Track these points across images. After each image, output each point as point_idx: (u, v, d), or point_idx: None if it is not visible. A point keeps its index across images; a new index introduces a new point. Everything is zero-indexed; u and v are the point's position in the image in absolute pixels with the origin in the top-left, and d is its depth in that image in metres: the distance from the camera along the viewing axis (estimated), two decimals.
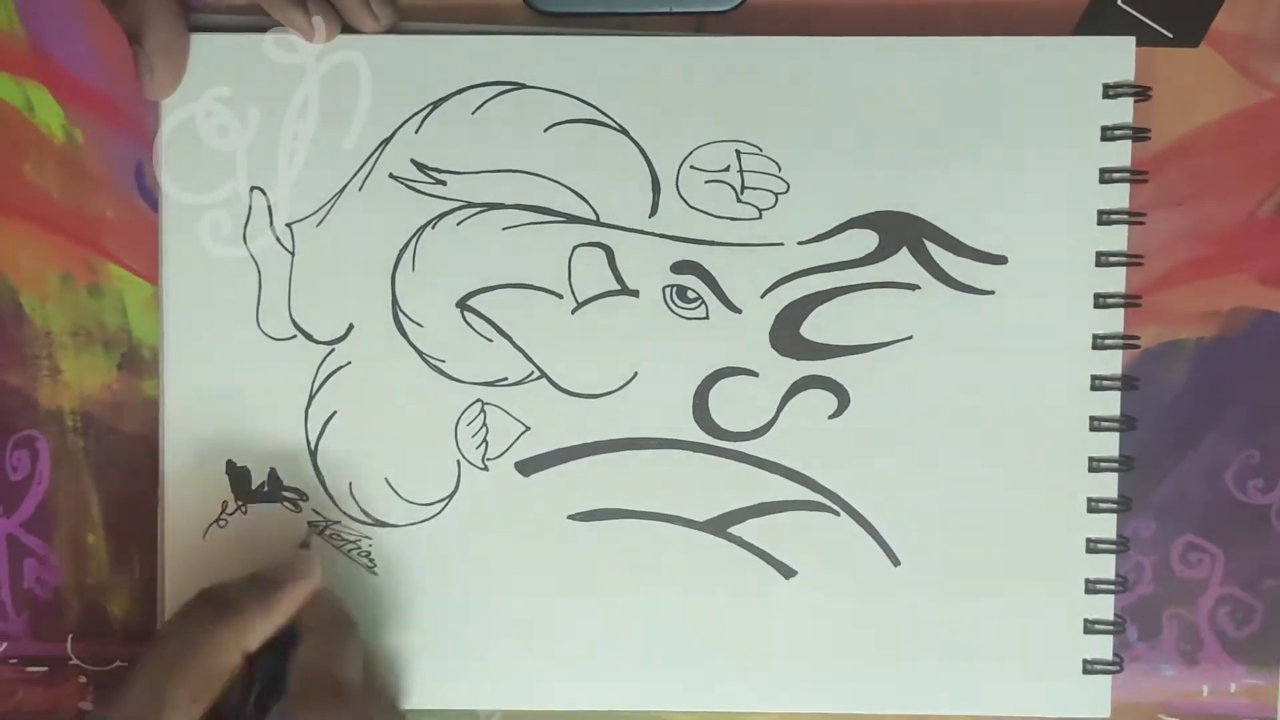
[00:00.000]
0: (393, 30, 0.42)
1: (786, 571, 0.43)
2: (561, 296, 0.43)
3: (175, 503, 0.43)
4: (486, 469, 0.43)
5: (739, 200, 0.42)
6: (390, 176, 0.42)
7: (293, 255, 0.42)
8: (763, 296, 0.43)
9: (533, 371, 0.43)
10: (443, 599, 0.43)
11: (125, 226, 0.44)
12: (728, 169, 0.42)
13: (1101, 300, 0.42)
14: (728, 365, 0.43)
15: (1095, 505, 0.43)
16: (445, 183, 0.42)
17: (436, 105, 0.42)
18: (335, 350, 0.43)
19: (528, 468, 0.43)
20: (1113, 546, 0.43)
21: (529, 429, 0.43)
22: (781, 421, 0.43)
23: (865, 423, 0.43)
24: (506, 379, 0.43)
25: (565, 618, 0.43)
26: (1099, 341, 0.42)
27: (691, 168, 0.42)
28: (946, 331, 0.42)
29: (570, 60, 0.42)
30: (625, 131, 0.42)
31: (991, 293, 0.42)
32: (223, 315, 0.42)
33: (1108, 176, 0.42)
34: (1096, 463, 0.43)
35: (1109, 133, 0.42)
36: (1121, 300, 0.42)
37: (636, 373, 0.43)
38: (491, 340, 0.43)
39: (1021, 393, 0.42)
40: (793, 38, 0.42)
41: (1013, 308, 0.42)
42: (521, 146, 0.42)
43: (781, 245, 0.42)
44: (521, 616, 0.43)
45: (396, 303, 0.43)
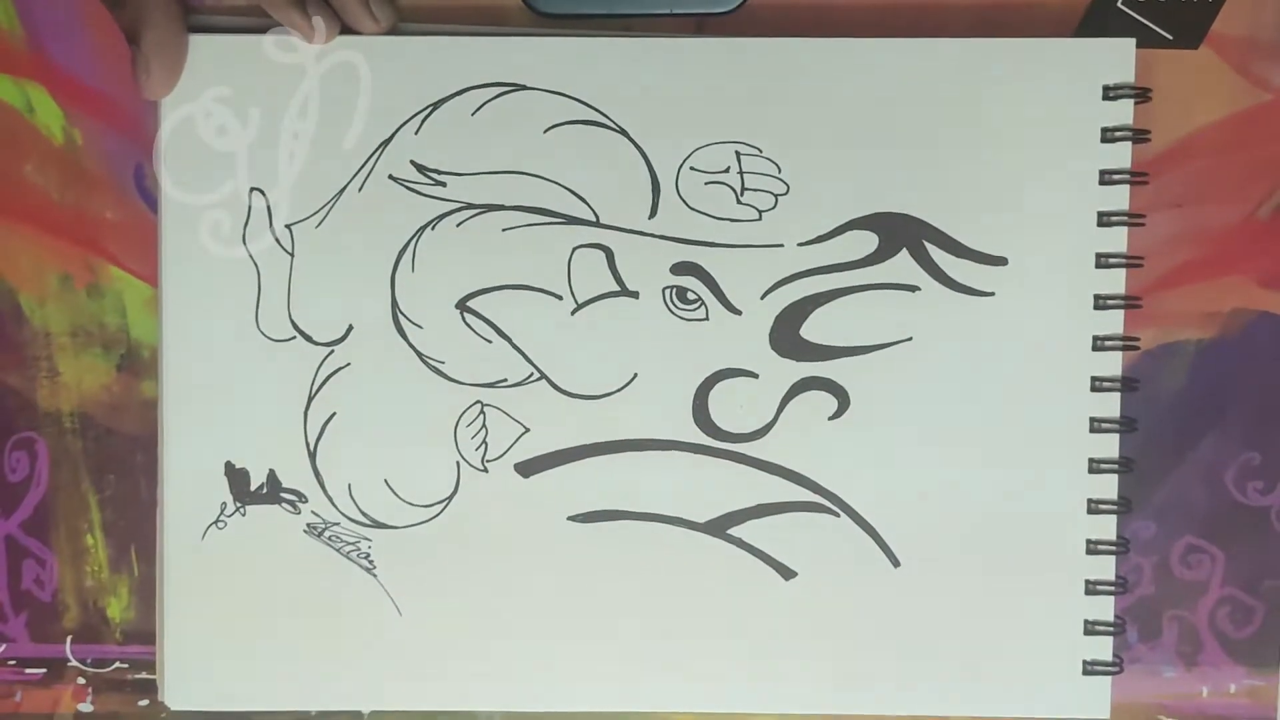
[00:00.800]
0: (392, 31, 0.42)
1: (786, 573, 0.43)
2: (561, 298, 0.43)
3: (174, 504, 0.43)
4: (486, 470, 0.43)
5: (739, 201, 0.42)
6: (390, 177, 0.42)
7: (292, 256, 0.42)
8: (762, 298, 0.42)
9: (532, 373, 0.43)
10: (443, 599, 0.43)
11: (125, 227, 0.44)
12: (727, 170, 0.42)
13: (1101, 301, 0.42)
14: (727, 366, 0.43)
15: (1095, 506, 0.43)
16: (445, 184, 0.42)
17: (436, 106, 0.42)
18: (334, 351, 0.43)
19: (527, 469, 0.43)
20: (1113, 548, 0.43)
21: (528, 430, 0.43)
22: (781, 423, 0.43)
23: (865, 424, 0.43)
24: (506, 380, 0.43)
25: (565, 618, 0.43)
26: (1099, 343, 0.42)
27: (691, 169, 0.42)
28: (946, 333, 0.42)
29: (570, 61, 0.42)
30: (625, 133, 0.42)
31: (991, 294, 0.42)
32: (222, 316, 0.42)
33: (1108, 178, 0.42)
34: (1096, 464, 0.43)
35: (1109, 134, 0.42)
36: (1121, 302, 0.42)
37: (636, 374, 0.43)
38: (491, 341, 0.43)
39: (1021, 394, 0.42)
40: (793, 39, 0.42)
41: (1013, 309, 0.42)
42: (521, 148, 0.42)
43: (781, 247, 0.42)
44: (521, 617, 0.43)
45: (396, 304, 0.43)
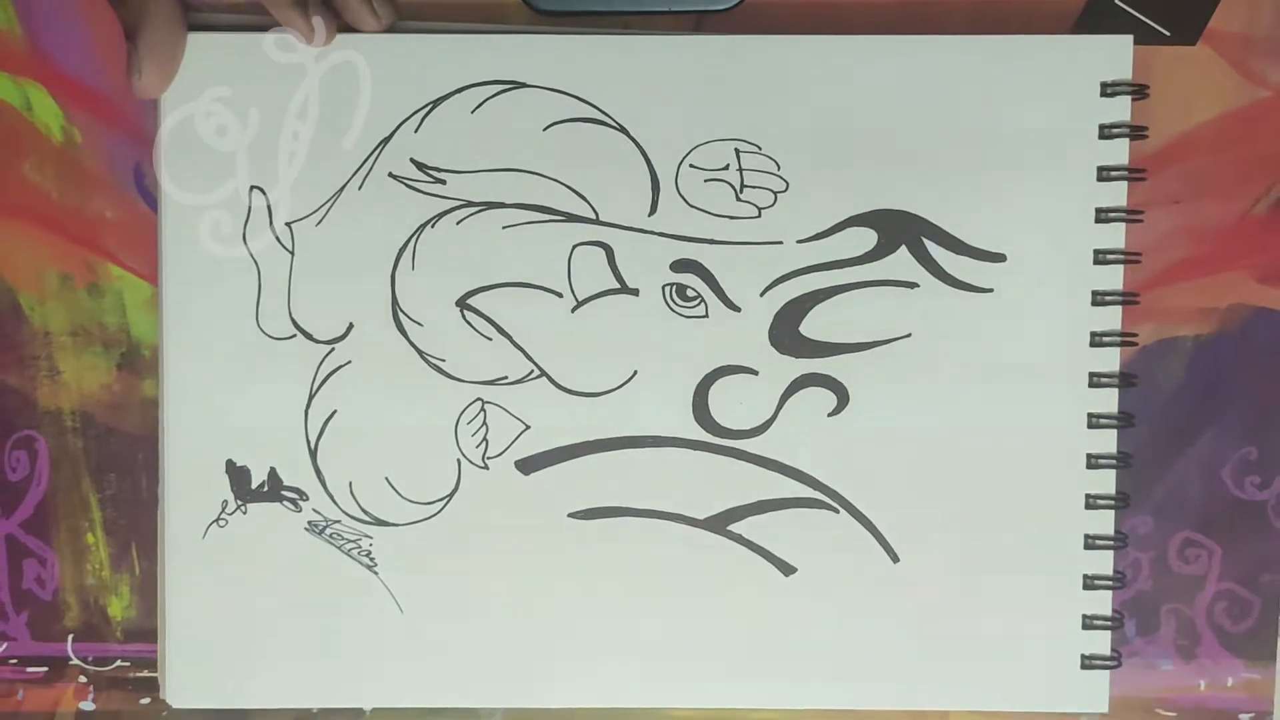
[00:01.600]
0: (392, 30, 0.42)
1: (786, 569, 0.43)
2: (561, 295, 0.43)
3: (175, 502, 0.43)
4: (486, 468, 0.43)
5: (738, 199, 0.42)
6: (390, 175, 0.42)
7: (292, 255, 0.42)
8: (762, 295, 0.43)
9: (532, 370, 0.43)
10: (443, 598, 0.43)
11: (125, 226, 0.44)
12: (727, 168, 0.42)
13: (1099, 298, 0.42)
14: (727, 363, 0.43)
15: (1093, 502, 0.43)
16: (445, 182, 0.42)
17: (436, 104, 0.42)
18: (335, 349, 0.43)
19: (528, 466, 0.43)
20: (1111, 542, 0.43)
21: (529, 427, 0.43)
22: (781, 419, 0.43)
23: (864, 420, 0.43)
24: (506, 378, 0.43)
25: (565, 616, 0.43)
26: (1097, 339, 0.43)
27: (691, 166, 0.42)
28: (945, 329, 0.43)
29: (570, 59, 0.42)
30: (625, 130, 0.42)
31: (990, 290, 0.42)
32: (222, 315, 0.42)
33: (1106, 174, 0.42)
34: (1095, 459, 0.43)
35: (1107, 131, 0.42)
36: (1119, 298, 0.42)
37: (636, 371, 0.43)
38: (491, 339, 0.43)
39: (1019, 390, 0.43)
40: (792, 37, 0.42)
41: (1011, 305, 0.42)
42: (521, 145, 0.42)
43: (780, 244, 0.42)
44: (521, 615, 0.43)
45: (396, 302, 0.43)
